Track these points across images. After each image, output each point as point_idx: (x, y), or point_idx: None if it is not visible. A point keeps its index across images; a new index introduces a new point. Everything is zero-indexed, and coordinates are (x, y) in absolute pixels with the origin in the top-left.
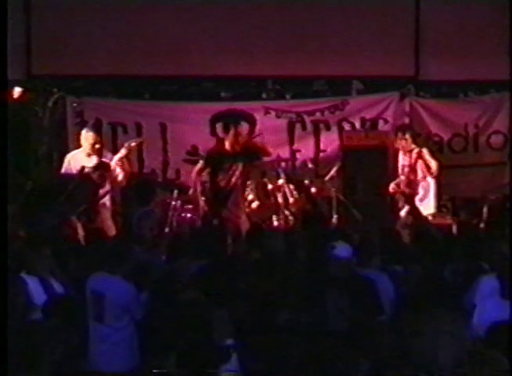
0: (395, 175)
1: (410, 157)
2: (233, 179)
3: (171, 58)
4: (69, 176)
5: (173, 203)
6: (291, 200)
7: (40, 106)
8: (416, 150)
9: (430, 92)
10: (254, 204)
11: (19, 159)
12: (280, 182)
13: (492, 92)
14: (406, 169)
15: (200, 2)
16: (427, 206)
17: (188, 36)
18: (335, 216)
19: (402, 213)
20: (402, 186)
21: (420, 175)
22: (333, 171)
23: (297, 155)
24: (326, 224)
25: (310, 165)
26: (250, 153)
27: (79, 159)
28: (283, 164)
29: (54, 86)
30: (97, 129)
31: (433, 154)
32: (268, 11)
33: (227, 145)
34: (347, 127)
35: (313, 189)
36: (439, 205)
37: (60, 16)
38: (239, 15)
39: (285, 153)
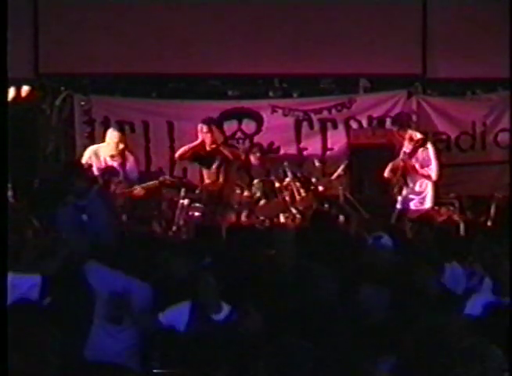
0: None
1: (412, 144)
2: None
3: (178, 56)
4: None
5: (180, 201)
6: (298, 198)
7: (48, 104)
8: (421, 141)
9: (437, 90)
10: (261, 202)
11: (26, 157)
12: (287, 180)
13: (499, 90)
14: (405, 156)
15: (207, 1)
16: (425, 200)
17: (195, 34)
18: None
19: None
20: (398, 174)
21: (418, 166)
22: (340, 170)
23: (304, 153)
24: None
25: (317, 163)
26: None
27: (102, 153)
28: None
29: (62, 84)
30: (105, 127)
31: (438, 156)
32: (274, 9)
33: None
34: (354, 125)
35: (320, 188)
36: (438, 201)
37: (68, 14)
38: (246, 13)
39: (292, 151)
